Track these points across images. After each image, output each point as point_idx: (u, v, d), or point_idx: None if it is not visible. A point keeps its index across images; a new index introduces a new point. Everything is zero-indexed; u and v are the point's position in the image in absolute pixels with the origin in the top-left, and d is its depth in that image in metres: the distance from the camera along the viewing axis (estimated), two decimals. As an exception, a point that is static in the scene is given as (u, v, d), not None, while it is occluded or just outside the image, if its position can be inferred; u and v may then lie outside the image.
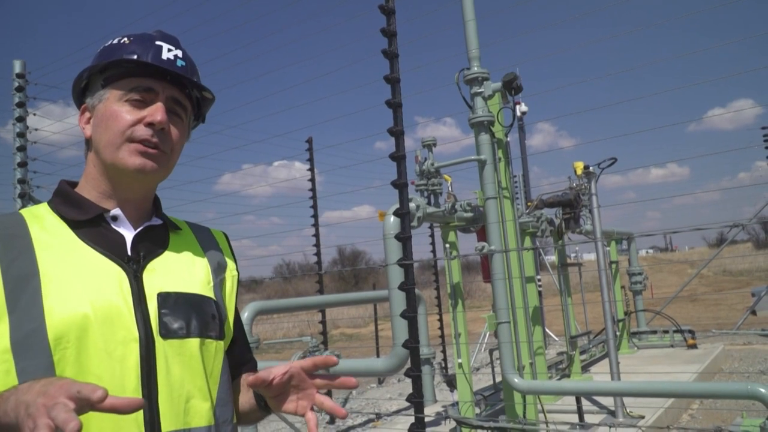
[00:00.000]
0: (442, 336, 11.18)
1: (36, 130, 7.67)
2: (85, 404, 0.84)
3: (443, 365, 11.54)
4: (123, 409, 0.86)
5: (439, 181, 6.21)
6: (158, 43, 1.31)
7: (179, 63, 1.31)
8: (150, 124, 1.25)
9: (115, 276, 1.20)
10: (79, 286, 1.16)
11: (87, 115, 1.33)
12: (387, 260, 5.08)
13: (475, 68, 5.33)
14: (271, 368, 1.23)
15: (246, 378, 1.43)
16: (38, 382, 0.92)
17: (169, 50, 1.31)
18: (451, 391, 7.50)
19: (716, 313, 17.88)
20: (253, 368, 1.49)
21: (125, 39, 1.31)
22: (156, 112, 1.26)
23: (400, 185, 4.47)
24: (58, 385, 0.86)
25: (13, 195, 7.41)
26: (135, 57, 1.27)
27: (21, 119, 7.52)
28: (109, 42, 1.32)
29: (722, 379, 9.10)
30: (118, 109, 1.26)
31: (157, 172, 1.29)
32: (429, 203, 6.09)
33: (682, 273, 30.69)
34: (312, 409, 1.24)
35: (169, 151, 1.30)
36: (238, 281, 1.48)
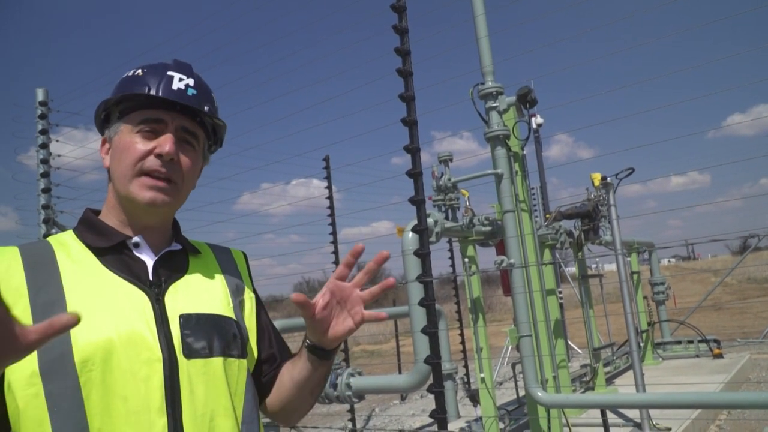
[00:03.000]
0: (464, 351, 11.13)
1: (59, 156, 7.82)
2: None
3: (466, 380, 11.48)
4: (57, 326, 0.86)
5: (456, 196, 6.22)
6: (170, 73, 1.34)
7: (190, 92, 1.34)
8: (159, 155, 1.30)
9: (138, 300, 1.25)
10: (104, 311, 1.20)
11: (107, 146, 1.38)
12: (406, 276, 5.10)
13: (489, 83, 5.36)
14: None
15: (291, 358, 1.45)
16: None
17: (181, 79, 1.35)
18: (475, 406, 7.45)
19: (742, 321, 17.59)
20: None
21: (139, 71, 1.35)
22: (165, 143, 1.30)
23: (418, 201, 4.49)
24: None
25: (38, 220, 7.55)
26: (145, 90, 1.31)
27: (44, 146, 7.69)
28: (126, 74, 1.37)
29: (750, 389, 8.94)
30: (130, 141, 1.31)
31: (168, 204, 1.33)
32: (447, 218, 6.10)
33: (706, 282, 30.25)
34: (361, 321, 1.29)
35: (180, 180, 1.34)
36: (257, 301, 1.51)
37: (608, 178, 6.67)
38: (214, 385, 1.26)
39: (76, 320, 0.86)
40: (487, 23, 5.36)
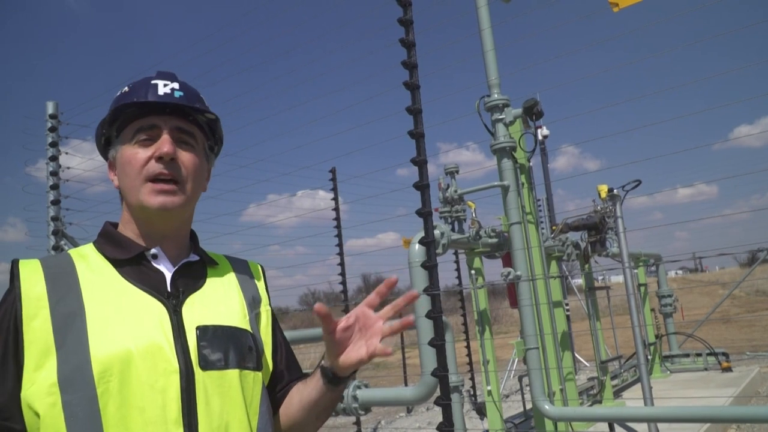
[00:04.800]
0: (470, 363, 11.08)
1: (68, 168, 7.89)
2: None
3: (472, 393, 11.41)
4: None
5: (462, 208, 6.23)
6: (154, 81, 1.36)
7: (176, 94, 1.36)
8: (159, 158, 1.31)
9: (156, 311, 1.26)
10: (122, 322, 1.21)
11: (113, 168, 1.41)
12: (413, 288, 5.10)
13: (496, 95, 5.38)
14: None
15: (303, 379, 1.45)
16: None
17: (165, 85, 1.36)
18: (481, 419, 7.41)
19: (750, 334, 17.48)
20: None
21: (126, 88, 1.38)
22: (162, 144, 1.31)
23: (425, 214, 4.50)
24: None
25: (47, 232, 7.60)
26: (133, 100, 1.33)
27: (54, 158, 7.75)
28: (115, 95, 1.39)
29: (759, 402, 8.86)
30: (131, 153, 1.33)
31: (178, 206, 1.34)
32: (453, 230, 6.11)
33: (714, 294, 30.06)
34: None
35: (184, 180, 1.34)
36: (273, 314, 1.52)
37: (615, 190, 6.66)
38: (229, 397, 1.26)
39: None
40: (493, 37, 5.40)
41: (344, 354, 1.30)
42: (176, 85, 1.37)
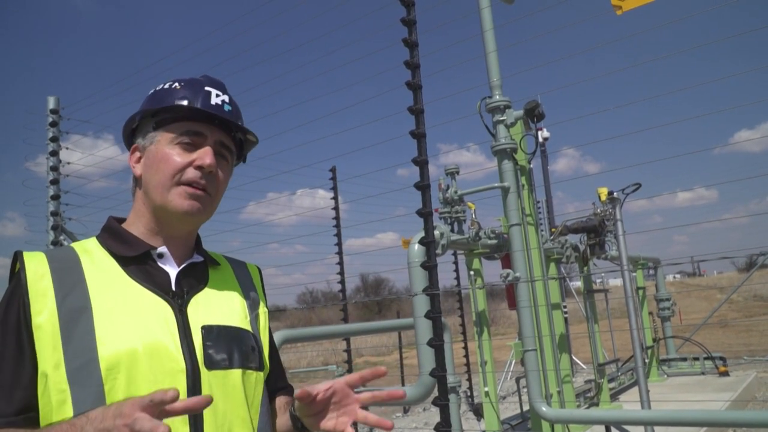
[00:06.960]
0: (468, 364, 11.09)
1: (68, 163, 7.88)
2: (159, 410, 0.93)
3: (469, 394, 11.42)
4: (195, 408, 0.97)
5: (462, 209, 6.24)
6: (207, 89, 1.38)
7: (226, 108, 1.38)
8: (199, 167, 1.32)
9: (162, 311, 1.27)
10: (129, 320, 1.22)
11: (137, 154, 1.39)
12: (412, 288, 5.10)
13: (497, 97, 5.38)
14: (316, 385, 1.27)
15: (282, 400, 1.48)
16: (110, 408, 0.99)
17: (217, 95, 1.38)
18: (478, 420, 7.42)
19: (748, 339, 17.51)
20: (289, 393, 1.54)
21: (176, 84, 1.38)
22: (205, 155, 1.33)
23: (426, 214, 4.50)
24: (130, 403, 0.95)
25: (46, 227, 7.59)
26: (186, 103, 1.34)
27: (54, 153, 7.75)
28: (161, 86, 1.40)
29: (756, 407, 8.88)
30: (169, 152, 1.33)
31: (202, 214, 1.36)
32: (453, 231, 6.12)
33: (711, 298, 30.10)
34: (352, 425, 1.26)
35: (214, 193, 1.37)
36: (268, 317, 1.54)
37: (615, 193, 6.67)
38: (232, 397, 1.28)
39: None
40: (496, 38, 5.40)
41: (316, 418, 1.30)
42: (226, 98, 1.40)
